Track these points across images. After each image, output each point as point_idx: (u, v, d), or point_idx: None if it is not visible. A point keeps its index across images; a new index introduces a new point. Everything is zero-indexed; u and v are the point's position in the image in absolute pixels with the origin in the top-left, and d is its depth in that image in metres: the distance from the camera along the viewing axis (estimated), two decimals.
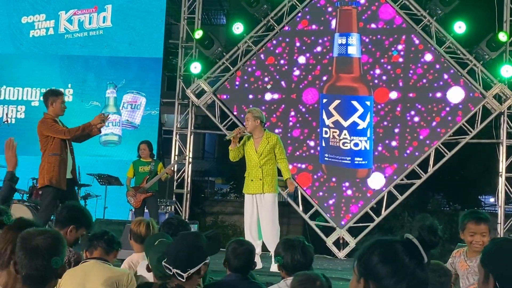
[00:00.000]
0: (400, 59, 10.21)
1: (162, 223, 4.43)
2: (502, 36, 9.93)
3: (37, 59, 11.55)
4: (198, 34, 10.83)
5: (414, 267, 1.69)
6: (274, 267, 6.03)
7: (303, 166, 10.34)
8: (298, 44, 10.58)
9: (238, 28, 10.83)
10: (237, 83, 10.75)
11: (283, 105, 10.56)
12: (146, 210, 8.94)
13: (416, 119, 10.07)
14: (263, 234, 6.79)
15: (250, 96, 10.64)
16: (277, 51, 10.64)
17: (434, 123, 10.01)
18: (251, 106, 10.52)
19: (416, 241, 1.71)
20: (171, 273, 2.82)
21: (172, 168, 9.48)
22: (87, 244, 3.66)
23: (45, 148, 6.49)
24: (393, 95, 10.20)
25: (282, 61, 10.60)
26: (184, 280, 2.81)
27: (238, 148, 6.83)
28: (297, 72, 10.54)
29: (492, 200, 15.56)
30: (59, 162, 6.39)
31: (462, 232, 3.95)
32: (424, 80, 10.10)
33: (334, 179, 10.23)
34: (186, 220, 10.84)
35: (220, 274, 4.15)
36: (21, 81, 11.54)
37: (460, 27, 10.15)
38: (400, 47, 10.25)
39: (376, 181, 10.08)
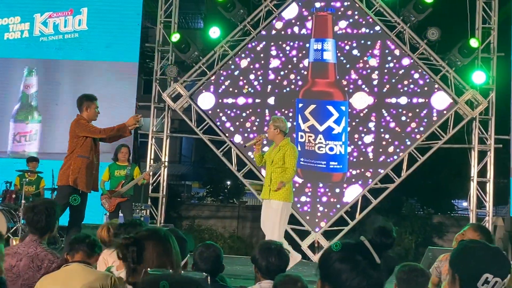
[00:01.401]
0: (376, 65, 10.34)
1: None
2: (474, 42, 10.11)
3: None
4: (175, 37, 10.83)
5: (366, 267, 1.74)
6: None
7: None
8: (273, 48, 10.65)
9: (214, 32, 10.86)
10: (213, 87, 10.77)
11: (258, 109, 10.61)
12: (120, 214, 8.90)
13: (392, 124, 10.19)
14: (266, 237, 6.77)
15: (227, 100, 10.68)
16: (252, 56, 10.70)
17: (408, 128, 10.14)
18: (226, 110, 10.58)
19: (367, 243, 1.76)
20: None
21: (150, 174, 9.46)
22: (68, 247, 3.64)
23: (73, 149, 6.38)
24: (369, 100, 10.31)
25: (257, 65, 10.66)
26: None
27: (261, 155, 6.95)
28: (272, 76, 10.61)
29: (465, 204, 15.76)
30: (86, 165, 6.32)
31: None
32: (399, 86, 10.23)
33: (309, 184, 10.29)
34: (162, 223, 10.82)
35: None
36: None
37: (433, 33, 10.28)
38: (376, 52, 10.37)
39: (352, 193, 10.22)
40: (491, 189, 10.36)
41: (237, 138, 10.57)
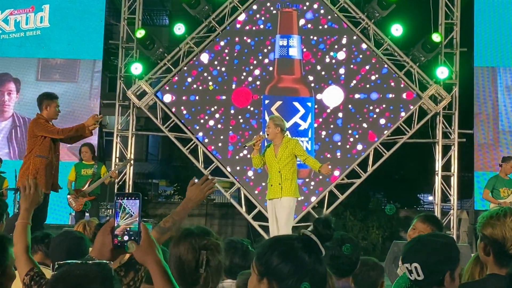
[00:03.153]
0: (343, 60, 10.37)
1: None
2: (436, 37, 10.24)
3: None
4: (140, 33, 10.70)
5: (314, 263, 1.73)
6: None
7: (245, 167, 10.36)
8: (238, 45, 10.61)
9: (179, 29, 10.77)
10: (178, 84, 10.68)
11: (222, 108, 10.56)
12: (86, 214, 8.80)
13: (358, 119, 10.26)
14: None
15: (191, 97, 10.60)
16: (217, 51, 10.64)
17: (376, 124, 10.21)
18: (191, 107, 10.51)
19: (313, 236, 1.75)
20: None
21: (117, 171, 9.37)
22: (34, 247, 3.54)
23: (31, 148, 6.33)
24: (337, 96, 10.35)
25: (222, 62, 10.61)
26: None
27: (260, 156, 6.92)
28: (237, 73, 10.57)
29: (430, 198, 16.01)
30: (45, 165, 6.27)
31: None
32: (366, 81, 10.29)
33: None
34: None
35: None
36: None
37: (397, 29, 10.41)
38: (342, 47, 10.40)
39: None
40: (456, 183, 10.51)
41: (202, 136, 10.51)
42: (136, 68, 10.72)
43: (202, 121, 10.53)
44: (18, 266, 2.32)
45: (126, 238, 1.76)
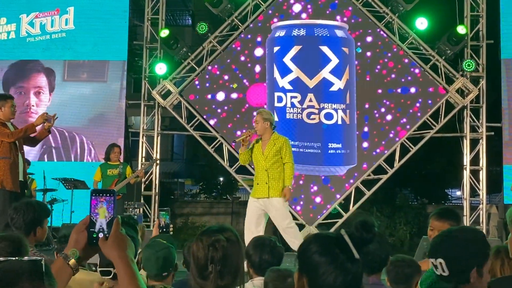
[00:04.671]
0: (368, 53, 10.26)
1: None
2: (461, 29, 10.10)
3: None
4: (164, 33, 10.76)
5: (344, 260, 1.72)
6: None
7: None
8: (259, 39, 10.55)
9: (202, 28, 10.80)
10: (202, 83, 10.70)
11: (246, 105, 10.54)
12: None
13: (385, 114, 10.14)
14: (286, 237, 6.59)
15: (215, 96, 10.60)
16: (238, 49, 10.61)
17: (403, 119, 10.10)
18: (214, 106, 10.52)
19: (346, 237, 1.74)
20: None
21: (143, 171, 9.46)
22: (58, 247, 3.58)
23: None
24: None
25: (243, 59, 10.56)
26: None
27: (248, 152, 6.70)
28: (258, 68, 10.51)
29: (458, 193, 15.82)
30: (10, 165, 6.34)
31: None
32: (393, 76, 10.18)
33: (301, 181, 10.16)
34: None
35: None
36: None
37: (422, 23, 10.30)
38: (368, 40, 10.28)
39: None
40: (484, 177, 10.37)
41: (227, 134, 10.49)
42: (161, 68, 10.78)
43: (225, 119, 10.53)
44: None
45: (101, 235, 1.77)
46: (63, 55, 11.28)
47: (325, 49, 9.62)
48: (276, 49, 9.87)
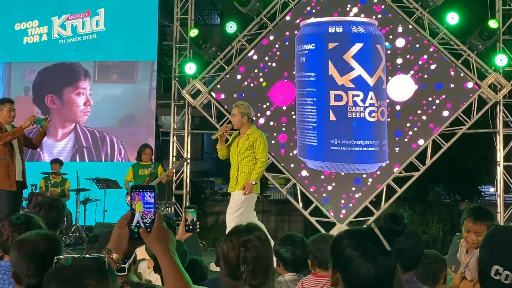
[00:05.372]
0: (399, 50, 10.15)
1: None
2: (493, 24, 9.94)
3: None
4: (193, 32, 10.83)
5: (376, 253, 1.74)
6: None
7: (301, 165, 10.32)
8: (288, 38, 10.52)
9: (231, 27, 10.84)
10: (231, 82, 10.73)
11: (275, 104, 10.52)
12: None
13: (416, 111, 10.03)
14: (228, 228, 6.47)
15: (243, 95, 10.61)
16: (267, 46, 10.60)
17: (435, 116, 9.96)
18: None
19: (376, 230, 1.76)
20: None
21: (174, 170, 9.56)
22: (88, 246, 3.64)
23: None
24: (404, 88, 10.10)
25: (274, 57, 10.55)
26: None
27: (226, 147, 6.60)
28: (287, 66, 10.47)
29: (492, 190, 15.57)
30: (5, 166, 6.67)
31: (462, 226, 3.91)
32: (425, 71, 10.05)
33: (333, 182, 10.11)
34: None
35: None
36: None
37: (452, 18, 10.16)
38: (398, 37, 10.17)
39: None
40: None
41: None
42: (190, 68, 10.85)
43: (253, 118, 10.51)
44: None
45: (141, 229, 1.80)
46: (94, 56, 11.44)
47: (379, 47, 9.69)
48: (332, 45, 9.71)
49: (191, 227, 3.66)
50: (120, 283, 2.63)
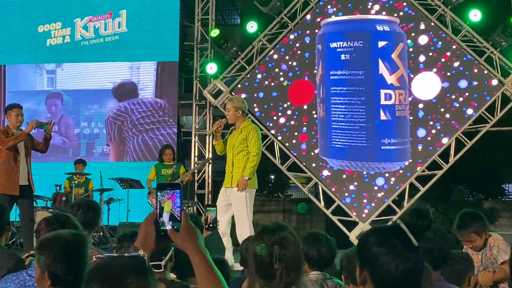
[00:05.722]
0: (421, 47, 10.07)
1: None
2: None
3: None
4: (215, 32, 10.87)
5: (403, 249, 1.74)
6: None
7: (321, 164, 10.29)
8: (308, 37, 10.50)
9: (252, 27, 10.85)
10: (251, 82, 10.75)
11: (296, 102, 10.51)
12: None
13: (440, 109, 9.95)
14: (237, 231, 6.47)
15: (264, 95, 10.62)
16: (288, 45, 10.59)
17: (458, 114, 9.86)
18: (271, 104, 10.54)
19: (403, 225, 1.76)
20: None
21: (192, 172, 9.61)
22: (118, 245, 3.69)
23: None
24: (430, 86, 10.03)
25: (295, 56, 10.54)
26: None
27: (222, 142, 6.54)
28: (308, 65, 10.45)
29: None
30: (8, 171, 6.88)
31: None
32: (448, 69, 9.97)
33: (355, 180, 10.06)
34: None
35: None
36: None
37: (475, 15, 10.06)
38: (420, 34, 10.09)
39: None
40: None
41: (275, 133, 10.49)
42: (211, 68, 10.90)
43: (274, 117, 10.54)
44: None
45: (169, 227, 1.80)
46: (116, 57, 11.54)
47: (406, 46, 9.80)
48: (382, 44, 9.72)
49: (211, 225, 3.68)
50: None
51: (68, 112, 11.73)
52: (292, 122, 10.43)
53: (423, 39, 10.04)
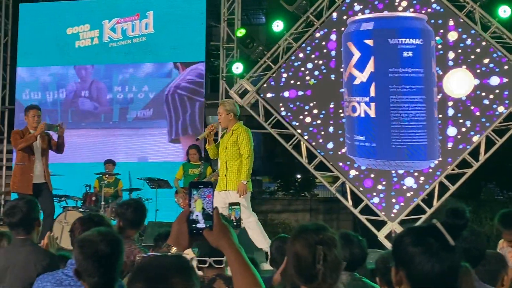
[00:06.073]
0: (450, 43, 9.96)
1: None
2: None
3: None
4: (241, 32, 10.88)
5: (439, 249, 1.73)
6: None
7: (348, 163, 10.24)
8: (334, 34, 10.44)
9: (278, 26, 10.83)
10: (277, 81, 10.73)
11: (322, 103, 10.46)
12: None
13: (470, 106, 9.82)
14: (249, 233, 6.46)
15: (294, 93, 10.60)
16: (313, 45, 10.55)
17: (489, 111, 9.73)
18: (297, 104, 10.52)
19: (439, 225, 1.74)
20: None
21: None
22: (154, 244, 3.74)
23: (17, 157, 7.42)
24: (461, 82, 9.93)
25: (318, 54, 10.48)
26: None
27: (214, 146, 6.57)
28: (332, 63, 10.39)
29: None
30: (23, 170, 7.16)
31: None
32: (477, 66, 9.84)
33: (382, 179, 10.00)
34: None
35: None
36: None
37: (504, 11, 9.90)
38: (449, 31, 9.97)
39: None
40: None
41: (301, 132, 10.45)
42: (237, 68, 10.92)
43: (300, 117, 10.50)
44: None
45: (201, 225, 1.81)
46: (144, 58, 11.64)
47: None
48: (433, 43, 9.85)
49: (235, 224, 3.71)
50: (213, 275, 2.68)
51: (100, 77, 11.87)
52: (319, 121, 10.39)
53: (452, 36, 9.92)
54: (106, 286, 2.37)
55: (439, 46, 9.95)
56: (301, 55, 10.61)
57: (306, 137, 10.44)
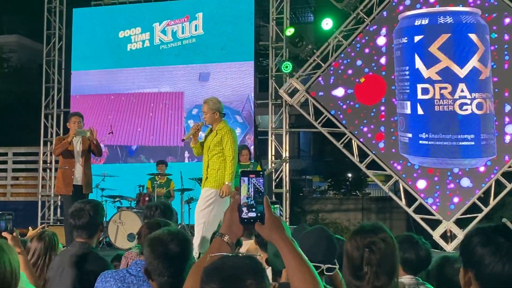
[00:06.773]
0: (506, 37, 9.63)
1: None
2: None
3: None
4: (290, 31, 10.86)
5: (509, 248, 1.69)
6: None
7: (401, 162, 10.07)
8: (384, 30, 10.27)
9: (327, 24, 10.76)
10: (326, 80, 10.66)
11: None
12: None
13: None
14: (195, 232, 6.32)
15: (344, 91, 10.50)
16: (363, 42, 10.41)
17: None
18: (346, 102, 10.42)
19: (509, 224, 1.71)
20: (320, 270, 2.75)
21: (271, 171, 9.64)
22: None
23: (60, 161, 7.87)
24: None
25: (368, 51, 10.33)
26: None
27: (199, 145, 6.50)
28: (383, 60, 10.26)
29: None
30: (65, 174, 7.58)
31: None
32: None
33: (436, 178, 9.77)
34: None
35: None
36: None
37: None
38: (506, 23, 9.63)
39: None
40: None
41: (354, 130, 10.34)
42: (287, 67, 10.89)
43: (351, 115, 10.39)
44: None
45: (252, 214, 1.80)
46: (194, 60, 11.75)
47: (473, 36, 9.22)
48: (418, 38, 9.50)
49: None
50: None
51: None
52: (369, 120, 10.26)
53: (508, 29, 9.62)
54: (175, 287, 2.38)
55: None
56: (351, 53, 10.50)
57: (357, 136, 10.33)
